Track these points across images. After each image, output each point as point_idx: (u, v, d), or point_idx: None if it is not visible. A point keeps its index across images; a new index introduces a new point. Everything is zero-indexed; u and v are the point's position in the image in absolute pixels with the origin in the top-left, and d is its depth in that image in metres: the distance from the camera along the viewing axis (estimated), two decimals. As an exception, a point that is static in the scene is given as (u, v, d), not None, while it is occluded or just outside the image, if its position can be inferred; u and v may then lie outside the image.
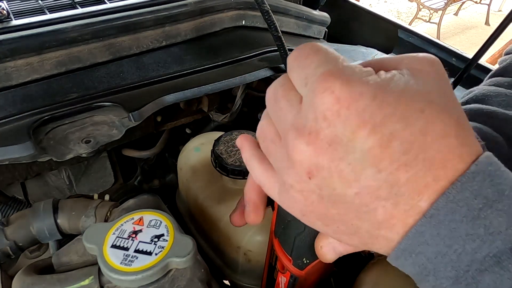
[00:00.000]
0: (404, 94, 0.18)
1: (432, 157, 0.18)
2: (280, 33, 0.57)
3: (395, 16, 4.54)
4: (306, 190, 0.20)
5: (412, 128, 0.17)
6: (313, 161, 0.18)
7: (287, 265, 0.32)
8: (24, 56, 0.51)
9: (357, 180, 0.18)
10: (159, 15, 0.59)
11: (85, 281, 0.38)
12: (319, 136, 0.18)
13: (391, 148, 0.17)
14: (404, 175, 0.18)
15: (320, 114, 0.18)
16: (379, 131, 0.17)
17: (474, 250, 0.17)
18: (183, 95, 0.55)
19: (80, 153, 0.48)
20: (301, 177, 0.19)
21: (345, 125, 0.18)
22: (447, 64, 0.74)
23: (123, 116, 0.51)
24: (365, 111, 0.17)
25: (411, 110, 0.18)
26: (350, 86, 0.17)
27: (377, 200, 0.18)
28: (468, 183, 0.18)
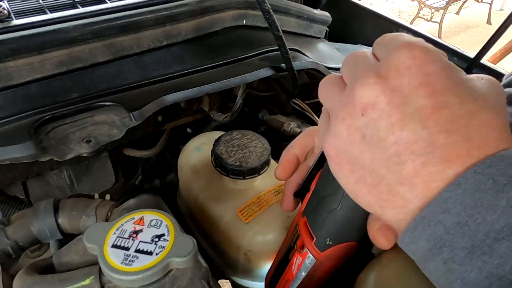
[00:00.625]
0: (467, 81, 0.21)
1: (472, 136, 0.19)
2: (281, 32, 0.56)
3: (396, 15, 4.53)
4: (354, 125, 0.21)
5: (464, 106, 0.20)
6: (371, 100, 0.21)
7: (308, 243, 0.32)
8: (25, 56, 0.51)
9: (401, 129, 0.20)
10: (160, 14, 0.59)
11: (86, 281, 0.38)
12: (386, 81, 0.20)
13: (441, 114, 0.19)
14: (442, 139, 0.19)
15: (393, 64, 0.20)
16: (436, 96, 0.20)
17: (494, 220, 0.18)
18: (183, 94, 0.55)
19: (80, 152, 0.48)
20: (355, 111, 0.21)
21: (410, 79, 0.20)
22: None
23: (123, 116, 0.51)
24: (432, 75, 0.20)
25: (468, 94, 0.20)
26: (428, 53, 0.20)
27: (410, 153, 0.20)
28: (497, 162, 0.19)
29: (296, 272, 0.35)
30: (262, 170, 0.51)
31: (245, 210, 0.51)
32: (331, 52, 0.79)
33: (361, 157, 0.22)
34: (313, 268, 0.33)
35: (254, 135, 0.55)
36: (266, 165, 0.52)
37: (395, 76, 0.20)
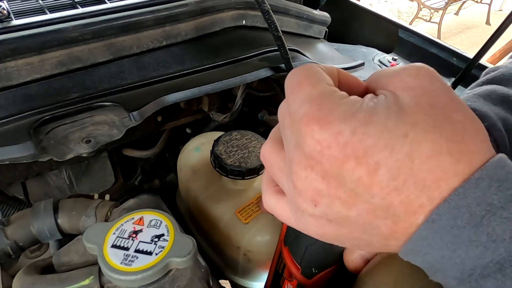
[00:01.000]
0: (386, 122, 0.18)
1: (423, 179, 0.18)
2: (280, 33, 0.57)
3: (396, 15, 4.54)
4: (316, 215, 0.21)
5: (397, 155, 0.18)
6: (314, 191, 0.20)
7: (296, 273, 0.33)
8: (25, 56, 0.51)
9: (355, 204, 0.19)
10: (160, 15, 0.59)
11: (86, 281, 0.38)
12: (313, 171, 0.20)
13: (379, 176, 0.18)
14: (396, 198, 0.18)
15: (308, 153, 0.20)
16: (364, 162, 0.18)
17: (477, 256, 0.17)
18: (183, 95, 0.55)
19: (80, 153, 0.48)
20: (308, 204, 0.21)
21: (330, 163, 0.19)
22: (448, 64, 0.74)
23: (123, 116, 0.51)
24: (346, 147, 0.18)
25: (394, 138, 0.18)
26: (328, 128, 0.19)
27: (377, 218, 0.19)
28: (471, 189, 0.18)
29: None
30: (261, 170, 0.52)
31: (244, 211, 0.51)
32: (330, 52, 0.79)
33: (341, 233, 0.21)
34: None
35: (253, 136, 0.55)
36: (266, 166, 0.52)
37: (316, 164, 0.19)
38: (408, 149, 0.18)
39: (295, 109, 0.20)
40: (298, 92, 0.21)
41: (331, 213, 0.20)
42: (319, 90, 0.20)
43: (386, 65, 0.77)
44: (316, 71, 0.22)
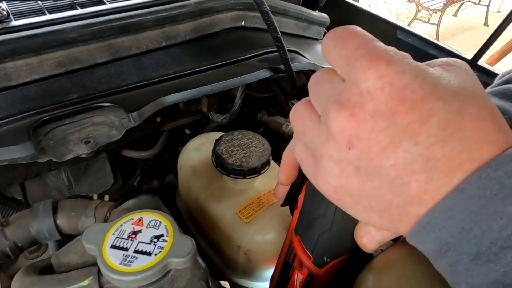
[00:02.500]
0: (441, 78, 0.19)
1: (468, 136, 0.18)
2: (279, 34, 0.57)
3: (394, 17, 4.55)
4: (344, 160, 0.20)
5: (449, 107, 0.18)
6: (354, 132, 0.19)
7: (307, 262, 0.32)
8: (24, 57, 0.51)
9: (395, 152, 0.19)
10: (159, 15, 0.59)
11: (85, 281, 0.38)
12: (362, 108, 0.19)
13: (429, 124, 0.18)
14: (440, 150, 0.18)
15: (364, 88, 0.19)
16: (418, 107, 0.18)
17: (501, 227, 0.18)
18: (182, 95, 0.55)
19: (79, 153, 0.48)
20: (341, 147, 0.20)
21: (387, 100, 0.18)
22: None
23: (122, 117, 0.51)
24: (407, 88, 0.18)
25: (448, 92, 0.19)
26: (394, 65, 0.19)
27: (412, 173, 0.19)
28: (504, 163, 0.18)
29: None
30: (262, 170, 0.52)
31: (245, 210, 0.51)
32: (329, 53, 0.79)
33: (362, 189, 0.20)
34: (315, 283, 0.33)
35: (254, 136, 0.55)
36: (267, 165, 0.52)
37: (370, 100, 0.19)
38: (459, 105, 0.18)
39: (350, 53, 0.20)
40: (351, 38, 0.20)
41: (364, 159, 0.19)
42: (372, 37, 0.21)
43: (385, 66, 0.78)
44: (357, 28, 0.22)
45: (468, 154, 0.18)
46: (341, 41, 0.21)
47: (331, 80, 0.21)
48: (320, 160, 0.21)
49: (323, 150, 0.21)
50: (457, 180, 0.18)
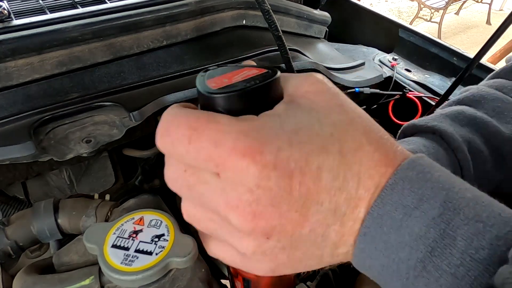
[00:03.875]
0: (312, 127, 0.19)
1: (357, 171, 0.19)
2: (280, 32, 0.56)
3: (396, 15, 4.54)
4: (268, 249, 0.20)
5: (332, 154, 0.19)
6: (265, 225, 0.19)
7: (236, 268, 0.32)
8: (25, 56, 0.51)
9: (307, 220, 0.19)
10: (160, 14, 0.59)
11: (86, 281, 0.38)
12: (260, 203, 0.18)
13: (323, 180, 0.19)
14: (340, 197, 0.19)
15: (252, 185, 0.18)
16: (307, 171, 0.18)
17: (407, 257, 0.19)
18: (183, 95, 0.55)
19: (80, 153, 0.48)
20: (260, 241, 0.20)
21: (279, 184, 0.18)
22: (448, 63, 0.74)
23: (123, 116, 0.51)
24: (290, 161, 0.18)
25: (324, 139, 0.19)
26: (267, 148, 0.18)
27: (327, 227, 0.20)
28: (388, 196, 0.19)
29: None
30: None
31: (245, 210, 0.51)
32: (330, 52, 0.79)
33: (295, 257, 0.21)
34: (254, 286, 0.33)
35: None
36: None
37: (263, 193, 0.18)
38: (338, 147, 0.19)
39: (212, 150, 0.18)
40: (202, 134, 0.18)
41: (284, 239, 0.20)
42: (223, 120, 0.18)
43: (386, 64, 0.77)
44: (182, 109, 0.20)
45: (363, 187, 0.19)
46: (190, 143, 0.18)
47: (202, 181, 0.19)
48: (244, 255, 0.21)
49: (243, 249, 0.21)
50: (362, 213, 0.20)
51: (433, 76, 0.74)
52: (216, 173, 0.19)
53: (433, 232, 0.18)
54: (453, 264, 0.17)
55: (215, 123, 0.18)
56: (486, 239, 0.17)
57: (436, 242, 0.18)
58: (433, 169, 0.20)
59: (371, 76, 0.71)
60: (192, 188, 0.20)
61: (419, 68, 0.77)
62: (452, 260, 0.17)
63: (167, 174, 0.21)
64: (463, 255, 0.17)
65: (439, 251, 0.18)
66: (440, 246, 0.18)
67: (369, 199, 0.20)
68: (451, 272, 0.17)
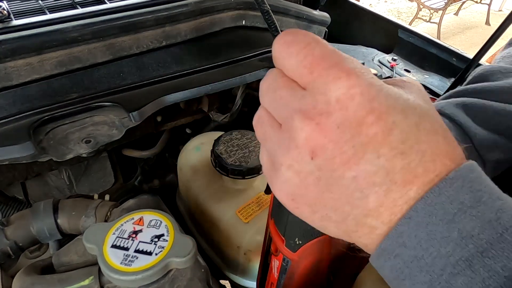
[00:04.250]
0: (401, 93, 0.20)
1: (424, 149, 0.19)
2: (280, 33, 0.56)
3: (395, 16, 4.54)
4: (305, 171, 0.20)
5: (409, 120, 0.19)
6: (319, 141, 0.19)
7: (280, 246, 0.32)
8: (24, 56, 0.51)
9: (357, 164, 0.19)
10: (159, 15, 0.59)
11: (85, 281, 0.38)
12: (330, 117, 0.19)
13: (392, 136, 0.19)
14: (399, 163, 0.19)
15: (333, 97, 0.19)
16: (384, 119, 0.19)
17: (448, 253, 0.18)
18: (183, 95, 0.55)
19: (80, 153, 0.48)
20: (303, 157, 0.20)
21: (356, 110, 0.18)
22: (447, 64, 0.74)
23: (123, 116, 0.51)
24: (375, 99, 0.19)
25: (408, 106, 0.19)
26: (362, 77, 0.19)
27: (372, 185, 0.19)
28: (446, 188, 0.19)
29: (277, 275, 0.35)
30: (261, 170, 0.52)
31: (244, 210, 0.51)
32: (330, 52, 0.79)
33: (320, 198, 0.20)
34: (292, 269, 0.33)
35: (253, 135, 0.55)
36: (266, 165, 0.52)
37: (339, 110, 0.19)
38: (417, 119, 0.19)
39: (317, 59, 0.19)
40: (319, 46, 0.20)
41: (326, 170, 0.19)
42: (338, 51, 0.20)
43: (386, 65, 0.77)
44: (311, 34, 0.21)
45: (423, 167, 0.19)
46: (304, 48, 0.20)
47: (289, 87, 0.21)
48: (278, 167, 0.21)
49: (282, 159, 0.20)
50: (413, 192, 0.19)
51: (432, 76, 0.74)
52: (305, 85, 0.20)
53: (488, 233, 0.18)
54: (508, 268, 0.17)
55: (334, 48, 0.20)
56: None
57: (491, 244, 0.18)
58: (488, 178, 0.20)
59: (370, 77, 0.71)
60: (277, 90, 0.21)
61: (418, 68, 0.77)
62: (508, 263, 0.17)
63: (266, 77, 0.22)
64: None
65: (494, 253, 0.17)
66: (496, 248, 0.17)
67: (424, 182, 0.19)
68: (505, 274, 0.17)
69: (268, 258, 0.36)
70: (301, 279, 0.34)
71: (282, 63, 0.21)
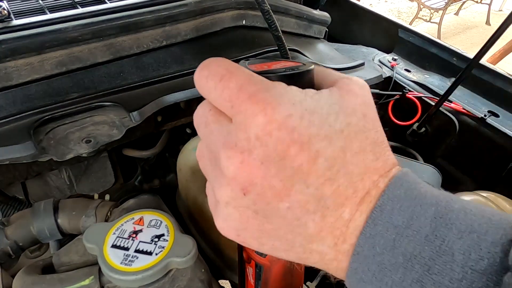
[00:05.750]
0: (328, 116, 0.20)
1: (351, 171, 0.19)
2: (280, 32, 0.57)
3: (396, 15, 4.54)
4: (242, 206, 0.20)
5: (334, 146, 0.19)
6: (246, 178, 0.19)
7: (251, 252, 0.32)
8: (25, 56, 0.51)
9: (288, 195, 0.19)
10: (159, 15, 0.59)
11: (86, 281, 0.38)
12: (251, 155, 0.19)
13: (317, 165, 0.19)
14: (329, 188, 0.19)
15: (252, 134, 0.19)
16: (306, 149, 0.19)
17: (401, 278, 0.18)
18: (183, 95, 0.55)
19: (80, 153, 0.48)
20: (237, 193, 0.20)
21: (276, 144, 0.18)
22: (448, 64, 0.74)
23: (123, 116, 0.51)
24: (295, 130, 0.18)
25: (332, 131, 0.19)
26: (279, 108, 0.19)
27: (307, 213, 0.19)
28: (379, 217, 0.19)
29: (254, 282, 0.35)
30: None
31: (244, 210, 0.51)
32: (330, 52, 0.79)
33: (263, 231, 0.21)
34: (265, 274, 0.33)
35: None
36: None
37: (259, 146, 0.18)
38: (342, 143, 0.19)
39: (234, 94, 0.19)
40: (233, 77, 0.20)
41: (260, 203, 0.20)
42: (255, 76, 0.20)
43: (386, 65, 0.77)
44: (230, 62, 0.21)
45: (353, 188, 0.19)
46: (220, 81, 0.20)
47: (217, 121, 0.21)
48: (218, 205, 0.21)
49: (219, 195, 0.20)
50: (346, 214, 0.19)
51: (432, 76, 0.74)
52: (230, 117, 0.20)
53: (428, 250, 0.18)
54: (455, 279, 0.17)
55: (249, 75, 0.20)
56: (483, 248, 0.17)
57: (433, 260, 0.18)
58: (419, 184, 0.20)
59: (370, 76, 0.71)
60: (207, 125, 0.21)
61: (418, 68, 0.77)
62: (453, 275, 0.17)
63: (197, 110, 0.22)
64: (463, 269, 0.17)
65: (438, 268, 0.18)
66: (439, 263, 0.18)
67: (356, 202, 0.19)
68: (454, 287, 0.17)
69: (243, 267, 0.36)
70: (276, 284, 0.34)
71: (206, 96, 0.21)
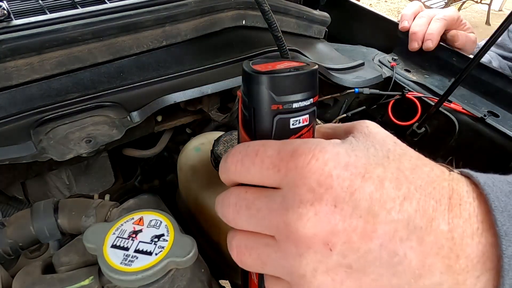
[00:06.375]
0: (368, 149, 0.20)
1: (419, 185, 0.19)
2: (280, 33, 0.56)
3: (395, 15, 4.54)
4: (332, 266, 0.18)
5: (390, 169, 0.19)
6: (327, 229, 0.18)
7: None
8: (25, 56, 0.51)
9: (375, 230, 0.18)
10: (159, 15, 0.59)
11: (85, 281, 0.38)
12: (322, 202, 0.18)
13: (386, 188, 0.18)
14: (410, 207, 0.18)
15: (314, 182, 0.18)
16: (368, 178, 0.18)
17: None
18: (183, 95, 0.55)
19: (80, 153, 0.48)
20: (322, 252, 0.18)
21: (340, 183, 0.18)
22: (447, 63, 0.74)
23: (123, 116, 0.51)
24: (349, 165, 0.19)
25: (380, 159, 0.19)
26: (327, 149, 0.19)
27: (401, 243, 0.18)
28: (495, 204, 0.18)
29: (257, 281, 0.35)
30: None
31: (244, 210, 0.51)
32: (330, 52, 0.79)
33: (363, 284, 0.19)
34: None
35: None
36: (266, 165, 0.52)
37: (325, 191, 0.18)
38: (395, 165, 0.19)
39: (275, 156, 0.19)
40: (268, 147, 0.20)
41: (350, 254, 0.18)
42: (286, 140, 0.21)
43: (386, 65, 0.77)
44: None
45: (433, 198, 0.18)
46: (256, 156, 0.20)
47: (262, 195, 0.20)
48: (303, 280, 0.19)
49: (300, 269, 0.19)
50: (443, 225, 0.18)
51: (432, 76, 0.74)
52: (278, 183, 0.19)
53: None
54: None
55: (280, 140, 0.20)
56: None
57: None
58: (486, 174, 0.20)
59: (370, 77, 0.71)
60: (250, 207, 0.20)
61: (418, 68, 0.77)
62: None
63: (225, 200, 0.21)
64: None
65: None
66: None
67: (443, 210, 0.18)
68: None
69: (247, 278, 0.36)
70: None
71: (244, 177, 0.20)
